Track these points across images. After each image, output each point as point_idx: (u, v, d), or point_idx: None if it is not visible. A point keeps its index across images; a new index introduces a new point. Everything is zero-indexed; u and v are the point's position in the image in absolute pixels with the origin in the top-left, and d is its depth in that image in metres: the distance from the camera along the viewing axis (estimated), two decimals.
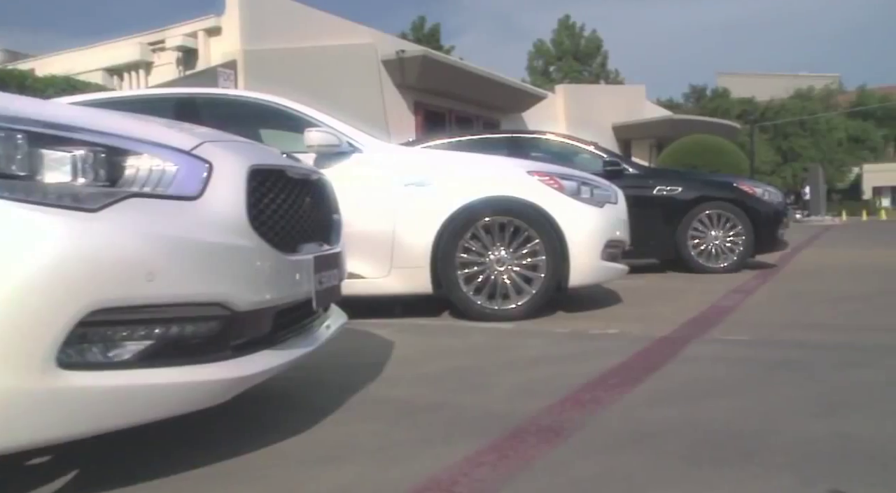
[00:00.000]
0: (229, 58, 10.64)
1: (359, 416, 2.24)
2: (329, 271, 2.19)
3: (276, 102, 4.31)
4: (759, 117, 44.00)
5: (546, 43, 42.33)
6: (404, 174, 4.10)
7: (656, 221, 6.68)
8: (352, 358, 3.19)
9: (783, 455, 1.74)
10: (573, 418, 2.09)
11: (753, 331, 3.55)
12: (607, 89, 29.67)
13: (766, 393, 2.35)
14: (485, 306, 4.05)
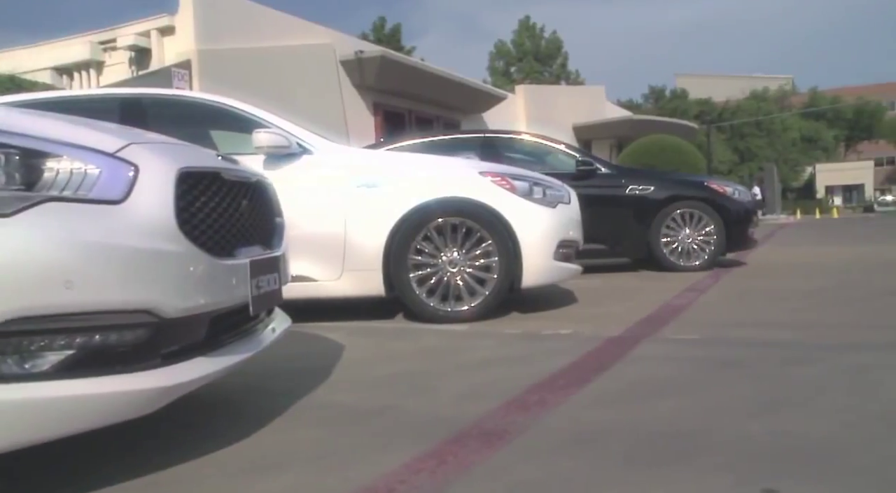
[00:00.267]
0: (183, 58, 10.45)
1: (301, 422, 2.20)
2: (268, 275, 2.14)
3: (224, 103, 4.23)
4: (717, 118, 44.79)
5: (507, 44, 42.52)
6: (355, 176, 4.05)
7: (629, 221, 6.74)
8: (299, 363, 3.15)
9: (721, 455, 1.75)
10: (517, 421, 2.08)
11: (703, 330, 3.58)
12: (567, 90, 29.89)
13: (709, 392, 2.37)
14: (438, 308, 4.03)
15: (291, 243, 3.97)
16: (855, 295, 4.75)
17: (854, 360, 2.76)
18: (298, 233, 4.00)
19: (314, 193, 4.06)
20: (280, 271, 2.29)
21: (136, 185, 1.60)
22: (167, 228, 1.64)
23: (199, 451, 1.92)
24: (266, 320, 2.45)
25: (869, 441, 1.80)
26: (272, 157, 4.03)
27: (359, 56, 13.97)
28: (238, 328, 2.14)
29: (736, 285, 5.62)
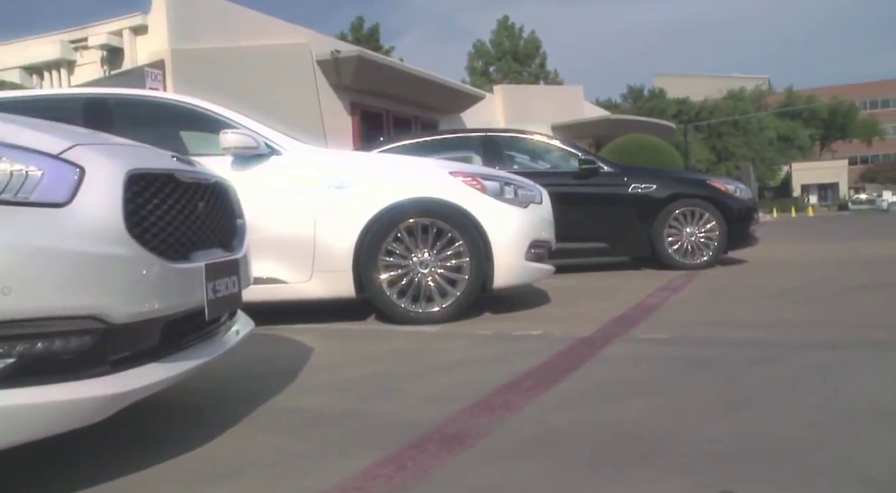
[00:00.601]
0: (156, 57, 10.32)
1: (262, 428, 2.16)
2: (226, 278, 2.10)
3: (192, 103, 4.17)
4: (694, 117, 45.18)
5: (486, 43, 42.55)
6: (325, 176, 4.01)
7: (632, 219, 6.73)
8: (265, 366, 3.11)
9: (682, 456, 1.73)
10: (480, 424, 2.05)
11: (673, 329, 3.58)
12: (546, 90, 29.96)
13: (676, 393, 2.36)
14: (409, 310, 4.00)
15: (260, 245, 3.94)
16: (825, 293, 4.78)
17: (819, 358, 2.77)
18: (267, 235, 3.99)
19: (283, 194, 4.01)
20: (240, 273, 2.24)
21: (82, 187, 1.56)
22: (115, 231, 1.60)
23: (156, 459, 1.87)
24: (228, 324, 2.41)
25: (829, 440, 1.79)
26: (240, 157, 3.98)
27: (335, 56, 13.90)
28: (197, 332, 2.10)
29: (709, 283, 5.64)
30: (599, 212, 6.80)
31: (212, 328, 2.22)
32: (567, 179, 6.79)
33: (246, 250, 2.42)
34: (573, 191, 6.72)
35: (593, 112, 27.87)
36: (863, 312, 3.97)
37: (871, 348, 2.94)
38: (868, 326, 3.48)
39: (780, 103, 53.85)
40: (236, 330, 2.46)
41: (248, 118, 4.16)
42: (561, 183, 6.71)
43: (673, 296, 4.88)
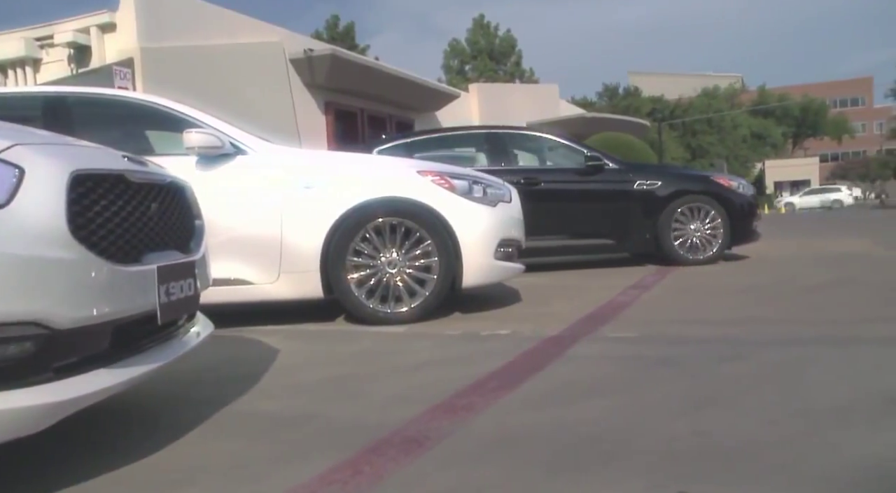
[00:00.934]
0: (125, 56, 10.15)
1: (219, 433, 2.12)
2: (181, 280, 2.05)
3: (154, 102, 4.10)
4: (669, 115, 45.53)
5: (461, 42, 42.51)
6: (291, 176, 3.96)
7: (637, 215, 6.73)
8: (229, 369, 3.06)
9: (642, 457, 1.72)
10: (441, 426, 2.03)
11: (642, 327, 3.58)
12: (521, 88, 29.95)
13: (639, 392, 2.35)
14: (377, 310, 3.96)
15: (226, 246, 3.91)
16: (791, 289, 4.82)
17: (782, 356, 2.78)
18: (233, 235, 3.94)
19: (249, 194, 3.96)
20: (196, 276, 2.20)
21: (21, 188, 1.51)
22: (58, 234, 1.55)
23: (110, 466, 1.83)
24: (186, 326, 2.37)
25: (788, 439, 1.79)
26: (205, 157, 3.92)
27: (308, 55, 13.78)
28: (152, 336, 2.05)
29: (680, 281, 5.66)
30: (605, 208, 6.81)
31: (169, 332, 2.17)
32: (573, 175, 6.83)
33: (204, 251, 2.38)
34: (579, 188, 6.78)
35: (569, 110, 27.94)
36: (826, 308, 4.00)
37: (832, 344, 2.96)
38: (831, 322, 3.50)
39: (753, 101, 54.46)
40: (197, 332, 2.42)
41: (214, 117, 4.09)
42: (567, 180, 6.81)
43: (644, 294, 4.89)
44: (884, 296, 4.34)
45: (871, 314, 3.68)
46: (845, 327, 3.37)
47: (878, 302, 4.12)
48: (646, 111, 42.72)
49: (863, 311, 3.83)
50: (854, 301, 4.21)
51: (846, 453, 1.67)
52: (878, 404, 2.05)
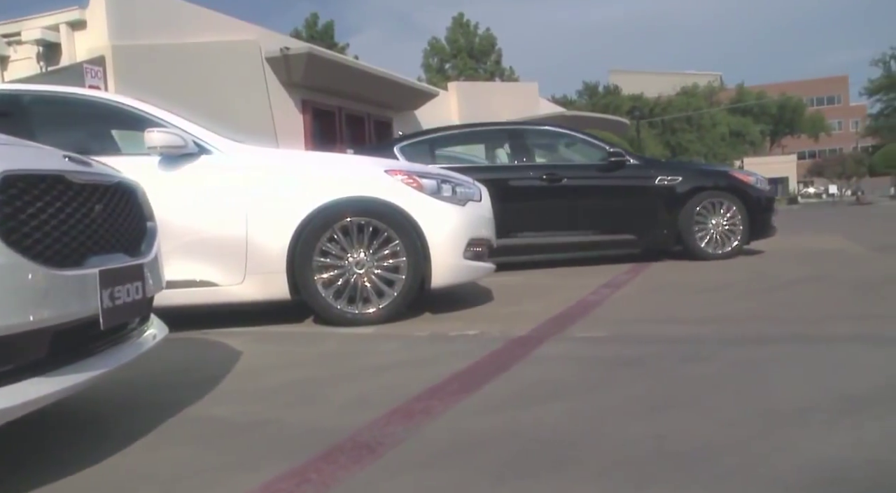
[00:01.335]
0: (96, 53, 9.99)
1: (170, 440, 2.06)
2: (128, 284, 1.99)
3: (115, 101, 4.02)
4: (648, 113, 45.77)
5: (441, 41, 42.45)
6: (256, 175, 3.90)
7: (658, 211, 6.74)
8: (190, 373, 3.00)
9: (596, 462, 1.69)
10: (396, 431, 1.98)
11: (610, 327, 3.56)
12: (501, 87, 29.95)
13: (601, 394, 2.32)
14: (345, 311, 3.91)
15: (191, 248, 3.84)
16: (762, 287, 4.82)
17: (748, 355, 2.77)
18: (198, 237, 3.87)
19: (213, 195, 3.89)
20: (146, 279, 2.13)
21: None
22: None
23: (52, 476, 1.77)
24: (140, 329, 2.31)
25: (745, 441, 1.76)
26: (168, 157, 3.85)
27: (284, 53, 13.67)
28: (101, 341, 1.99)
29: (652, 279, 5.66)
30: (627, 204, 6.83)
31: (119, 336, 2.11)
32: (595, 171, 6.85)
33: (156, 253, 2.31)
34: (601, 184, 6.80)
35: (549, 109, 27.97)
36: (796, 306, 4.00)
37: (799, 342, 2.95)
38: (799, 320, 3.50)
39: (731, 100, 54.89)
40: (153, 334, 2.36)
41: (177, 116, 4.02)
42: (589, 176, 6.82)
43: (615, 293, 4.87)
44: (854, 293, 4.35)
45: (839, 312, 3.69)
46: (813, 324, 3.36)
47: (847, 299, 4.13)
48: (626, 109, 42.89)
49: (831, 308, 3.83)
50: (824, 298, 4.21)
51: (802, 455, 1.65)
52: (838, 403, 2.03)
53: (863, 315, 3.54)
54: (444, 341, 3.39)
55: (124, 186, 2.14)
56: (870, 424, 1.84)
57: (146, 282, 2.14)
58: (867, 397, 2.07)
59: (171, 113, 4.00)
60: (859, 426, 1.83)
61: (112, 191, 2.03)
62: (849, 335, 3.04)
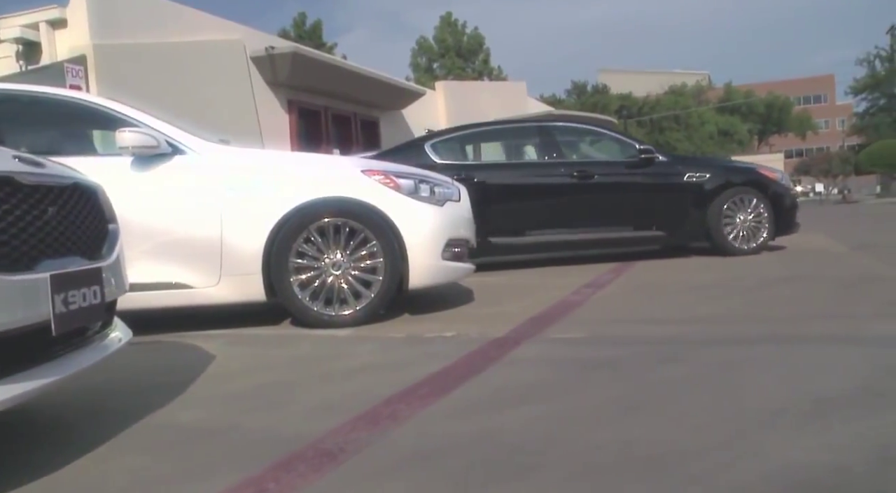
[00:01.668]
0: (77, 53, 9.88)
1: (129, 448, 2.01)
2: (84, 288, 1.94)
3: (86, 100, 3.96)
4: (636, 112, 45.87)
5: (429, 40, 42.33)
6: (232, 176, 3.85)
7: (687, 207, 6.78)
8: (158, 377, 2.94)
9: (560, 469, 1.65)
10: (360, 437, 1.94)
11: (589, 328, 3.53)
12: (488, 86, 29.87)
13: (573, 397, 2.28)
14: (322, 313, 3.86)
15: (165, 249, 3.79)
16: (744, 286, 4.80)
17: (723, 356, 2.74)
18: (172, 238, 3.82)
19: (187, 195, 3.84)
20: (105, 283, 2.08)
21: None
22: None
23: (6, 486, 1.72)
24: (104, 333, 2.25)
25: (712, 446, 1.73)
26: (141, 158, 3.79)
27: (269, 52, 13.58)
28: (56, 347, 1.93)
29: (635, 279, 5.64)
30: (657, 201, 6.86)
31: (77, 341, 2.06)
32: (624, 168, 6.87)
33: (118, 256, 2.26)
34: (631, 180, 6.83)
35: (537, 108, 27.95)
36: (774, 305, 3.99)
37: (775, 342, 2.92)
38: (777, 320, 3.48)
39: (719, 99, 55.05)
40: (119, 337, 2.32)
41: (151, 116, 3.95)
42: (619, 172, 6.85)
43: (597, 293, 4.84)
44: (833, 292, 4.34)
45: (817, 311, 3.67)
46: (790, 324, 3.34)
47: (825, 299, 4.11)
48: (614, 108, 42.95)
49: (810, 308, 3.81)
50: (802, 298, 4.20)
51: (768, 461, 1.62)
52: (808, 406, 2.00)
53: (840, 315, 3.53)
54: (419, 343, 3.35)
55: (82, 188, 2.08)
56: (839, 427, 1.81)
57: (106, 286, 2.09)
58: (838, 399, 2.05)
59: (144, 113, 3.93)
60: (828, 429, 1.80)
61: (68, 192, 1.98)
62: (824, 336, 3.02)
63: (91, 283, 1.99)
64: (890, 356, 2.59)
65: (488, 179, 6.55)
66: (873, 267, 5.46)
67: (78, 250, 2.00)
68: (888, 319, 3.31)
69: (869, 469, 1.54)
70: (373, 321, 3.91)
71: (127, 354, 3.29)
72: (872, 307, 3.69)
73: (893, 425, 1.81)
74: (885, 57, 47.90)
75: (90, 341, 2.15)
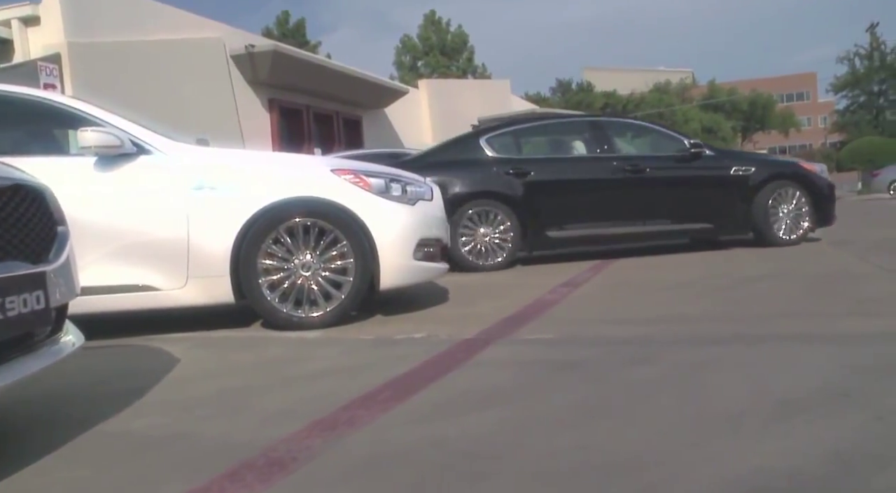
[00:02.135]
0: (51, 51, 9.73)
1: (73, 459, 1.94)
2: (24, 294, 1.87)
3: (47, 98, 3.87)
4: (621, 110, 45.91)
5: (413, 38, 42.22)
6: (198, 176, 3.78)
7: (734, 200, 6.93)
8: (118, 383, 2.88)
9: (513, 477, 1.60)
10: (314, 445, 1.89)
11: (561, 328, 3.49)
12: (472, 84, 29.81)
13: (535, 401, 2.24)
14: (291, 315, 3.80)
15: (130, 251, 3.71)
16: (721, 284, 4.78)
17: (693, 357, 2.70)
18: (137, 239, 3.74)
19: (153, 196, 3.76)
20: (49, 287, 2.01)
21: None
22: None
23: None
24: (51, 340, 2.18)
25: (671, 452, 1.69)
26: (105, 158, 3.71)
27: (249, 51, 13.47)
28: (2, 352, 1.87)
29: (612, 277, 5.61)
30: (706, 194, 7.01)
31: (20, 348, 1.99)
32: (674, 162, 7.02)
33: (66, 259, 2.19)
34: (681, 174, 6.99)
35: (521, 106, 27.91)
36: (749, 304, 3.96)
37: (745, 342, 2.89)
38: (749, 319, 3.45)
39: (703, 96, 55.24)
40: (70, 342, 2.25)
41: (115, 115, 3.87)
42: (670, 166, 7.02)
43: (573, 292, 4.80)
44: (807, 290, 4.32)
45: (789, 310, 3.65)
46: (761, 323, 3.31)
47: (799, 297, 4.10)
48: (598, 106, 43.03)
49: (783, 306, 3.80)
50: (777, 296, 4.18)
51: (726, 466, 1.58)
52: (772, 408, 1.97)
53: (812, 313, 3.51)
54: (388, 346, 3.30)
55: (25, 189, 2.01)
56: (800, 430, 1.78)
57: (51, 291, 2.02)
58: (802, 401, 2.01)
59: (108, 112, 3.85)
60: (789, 433, 1.76)
61: (8, 194, 1.91)
62: (794, 334, 2.99)
63: (33, 288, 1.92)
64: (856, 355, 2.56)
65: (544, 173, 6.75)
66: (850, 264, 5.46)
67: (19, 254, 1.94)
68: (858, 317, 3.29)
69: (825, 474, 1.50)
70: (344, 323, 3.86)
71: (90, 358, 3.26)
72: (845, 305, 3.67)
73: (854, 427, 1.78)
74: (864, 55, 48.22)
75: (38, 346, 2.08)
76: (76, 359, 2.99)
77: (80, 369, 3.11)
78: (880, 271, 4.83)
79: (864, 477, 1.48)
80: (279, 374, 2.84)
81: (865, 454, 1.60)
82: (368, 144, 17.02)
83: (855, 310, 3.50)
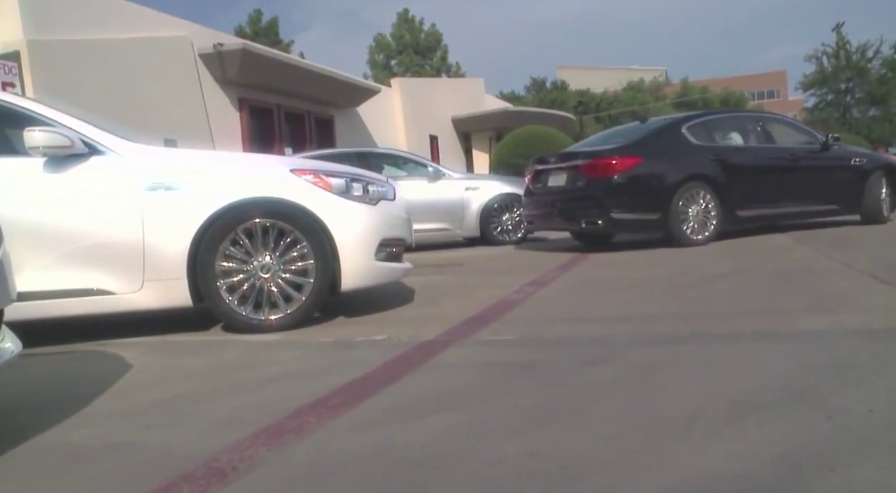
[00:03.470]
0: (10, 49, 9.54)
1: (7, 473, 1.87)
2: None
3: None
4: (595, 108, 46.21)
5: (387, 37, 42.07)
6: (152, 177, 3.68)
7: (854, 185, 8.27)
8: (63, 391, 2.79)
9: (457, 485, 1.57)
10: (257, 454, 1.83)
11: (522, 328, 3.45)
12: (445, 83, 29.74)
13: (486, 405, 2.20)
14: (250, 317, 3.73)
15: (83, 254, 3.61)
16: (685, 282, 4.77)
17: (650, 357, 2.68)
18: (90, 242, 3.64)
19: (106, 197, 3.66)
20: None
21: None
22: None
23: None
24: None
25: (619, 457, 1.66)
26: (55, 159, 3.60)
27: (218, 49, 13.30)
28: None
29: (579, 276, 5.58)
30: (837, 180, 8.21)
31: None
32: (815, 153, 8.15)
33: (0, 264, 2.11)
34: (822, 163, 8.16)
35: (495, 104, 27.96)
36: (711, 302, 3.96)
37: (703, 341, 2.87)
38: (710, 317, 3.44)
39: (676, 94, 55.76)
40: (10, 349, 2.17)
41: (66, 114, 3.77)
42: (814, 157, 8.13)
43: (538, 291, 4.77)
44: (769, 287, 4.33)
45: (750, 307, 3.64)
46: (721, 322, 3.30)
47: (761, 294, 4.10)
48: (572, 104, 43.20)
49: (744, 304, 3.79)
50: (739, 294, 4.18)
51: (674, 472, 1.55)
52: (725, 409, 1.95)
53: (771, 311, 3.50)
54: (346, 348, 3.24)
55: None
56: (751, 433, 1.75)
57: None
58: (755, 402, 1.99)
59: (58, 111, 3.75)
60: (741, 435, 1.74)
61: None
62: (752, 333, 2.98)
63: None
64: (812, 353, 2.55)
65: (736, 159, 7.63)
66: (813, 260, 5.49)
67: None
68: (817, 314, 3.29)
69: (772, 477, 1.48)
70: (305, 325, 3.80)
71: (39, 365, 3.18)
72: (805, 302, 3.68)
73: (804, 428, 1.76)
74: (831, 54, 48.89)
75: None
76: (24, 367, 2.94)
77: (27, 376, 3.02)
78: (842, 267, 4.86)
79: (810, 482, 1.46)
80: (231, 379, 2.77)
81: (813, 457, 1.58)
82: (340, 143, 16.92)
83: (814, 307, 3.50)
